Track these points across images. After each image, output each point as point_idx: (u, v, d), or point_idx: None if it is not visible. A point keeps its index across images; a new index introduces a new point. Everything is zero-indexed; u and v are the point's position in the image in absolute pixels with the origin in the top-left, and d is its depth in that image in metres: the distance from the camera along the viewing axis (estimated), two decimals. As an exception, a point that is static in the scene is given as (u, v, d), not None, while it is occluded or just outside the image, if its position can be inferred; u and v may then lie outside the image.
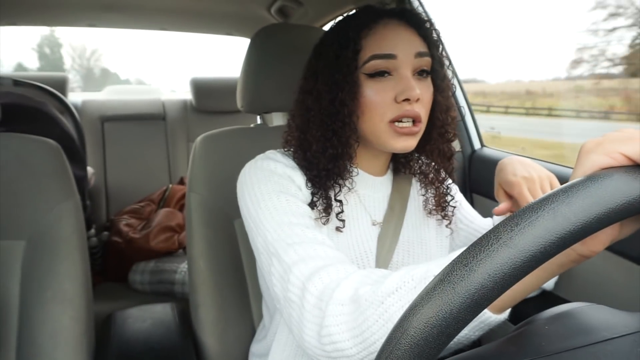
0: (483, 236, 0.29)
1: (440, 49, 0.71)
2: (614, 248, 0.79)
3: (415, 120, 0.66)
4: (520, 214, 0.28)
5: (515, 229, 0.28)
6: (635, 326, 0.36)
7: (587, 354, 0.33)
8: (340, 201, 0.70)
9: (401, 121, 0.66)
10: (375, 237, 0.74)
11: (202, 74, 2.36)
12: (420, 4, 1.23)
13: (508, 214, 0.66)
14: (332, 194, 0.69)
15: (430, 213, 0.81)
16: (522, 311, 0.87)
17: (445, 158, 0.75)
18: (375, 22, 0.67)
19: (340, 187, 0.70)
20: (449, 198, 0.80)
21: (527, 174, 0.68)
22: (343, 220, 0.69)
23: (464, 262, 0.28)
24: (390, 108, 0.65)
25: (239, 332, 0.92)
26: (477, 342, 1.14)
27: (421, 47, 0.68)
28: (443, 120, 0.72)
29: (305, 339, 0.53)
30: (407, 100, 0.64)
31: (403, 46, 0.66)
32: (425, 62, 0.68)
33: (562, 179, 0.50)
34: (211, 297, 0.91)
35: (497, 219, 0.86)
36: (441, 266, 0.46)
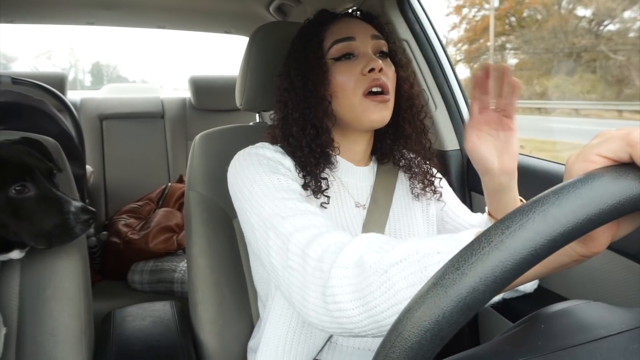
0: (475, 239, 0.29)
1: (395, 36, 0.82)
2: (612, 245, 0.79)
3: (384, 90, 0.74)
4: (511, 216, 0.28)
5: (506, 231, 0.28)
6: (631, 323, 0.36)
7: (584, 352, 0.33)
8: (325, 178, 0.75)
9: (372, 92, 0.74)
10: (360, 220, 0.78)
11: (201, 73, 2.36)
12: (420, 4, 1.23)
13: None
14: (318, 171, 0.75)
15: (417, 197, 0.84)
16: (520, 309, 0.88)
17: (419, 131, 0.82)
18: (334, 19, 0.80)
19: (323, 167, 0.76)
20: (433, 171, 0.86)
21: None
22: (328, 197, 0.74)
23: (456, 265, 0.28)
24: (359, 81, 0.74)
25: (237, 329, 0.92)
26: (475, 341, 1.15)
27: (376, 32, 0.79)
28: (408, 93, 0.81)
29: (309, 301, 0.55)
30: (372, 70, 0.73)
31: (359, 30, 0.77)
32: (382, 44, 0.78)
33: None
34: (210, 295, 0.91)
35: (482, 221, 0.86)
36: (445, 243, 0.47)
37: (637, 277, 0.75)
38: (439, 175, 0.88)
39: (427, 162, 0.85)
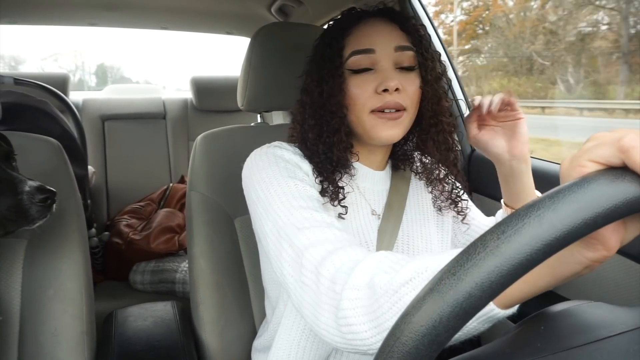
0: (471, 244, 0.29)
1: (427, 43, 0.74)
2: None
3: (398, 109, 0.70)
4: (506, 221, 0.28)
5: (501, 236, 0.28)
6: (632, 323, 0.36)
7: (585, 354, 0.33)
8: (342, 187, 0.72)
9: (383, 111, 0.70)
10: (375, 228, 0.76)
11: (204, 73, 2.35)
12: (421, 3, 1.23)
13: None
14: (336, 178, 0.73)
15: (440, 210, 0.82)
16: (521, 309, 0.87)
17: (443, 149, 0.77)
18: (358, 21, 0.73)
19: (341, 175, 0.73)
20: (457, 191, 0.82)
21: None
22: (345, 207, 0.72)
23: (452, 270, 0.28)
24: (371, 99, 0.70)
25: (239, 330, 0.92)
26: (477, 342, 1.14)
27: (402, 41, 0.71)
28: (433, 110, 0.74)
29: (321, 320, 0.54)
30: (386, 90, 0.68)
31: (382, 41, 0.70)
32: (407, 56, 0.71)
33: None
34: (212, 296, 0.91)
35: (499, 217, 0.86)
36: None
37: (638, 277, 0.75)
38: (464, 197, 0.84)
39: (451, 175, 0.81)
